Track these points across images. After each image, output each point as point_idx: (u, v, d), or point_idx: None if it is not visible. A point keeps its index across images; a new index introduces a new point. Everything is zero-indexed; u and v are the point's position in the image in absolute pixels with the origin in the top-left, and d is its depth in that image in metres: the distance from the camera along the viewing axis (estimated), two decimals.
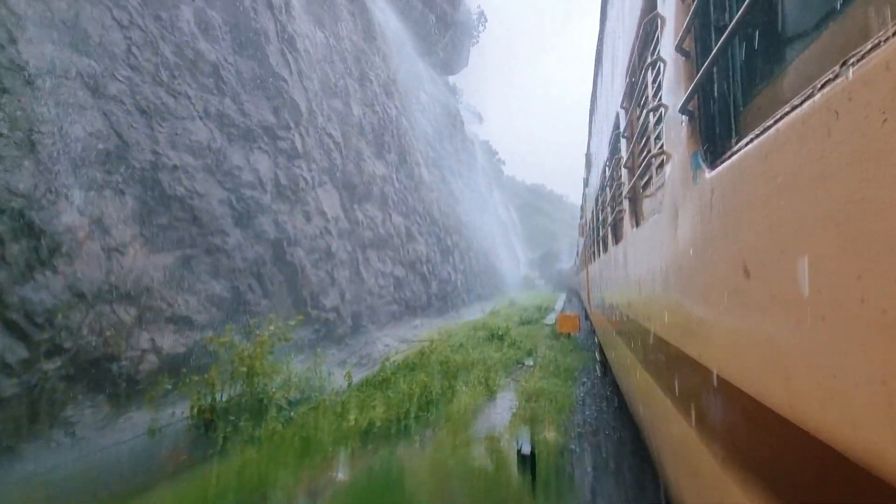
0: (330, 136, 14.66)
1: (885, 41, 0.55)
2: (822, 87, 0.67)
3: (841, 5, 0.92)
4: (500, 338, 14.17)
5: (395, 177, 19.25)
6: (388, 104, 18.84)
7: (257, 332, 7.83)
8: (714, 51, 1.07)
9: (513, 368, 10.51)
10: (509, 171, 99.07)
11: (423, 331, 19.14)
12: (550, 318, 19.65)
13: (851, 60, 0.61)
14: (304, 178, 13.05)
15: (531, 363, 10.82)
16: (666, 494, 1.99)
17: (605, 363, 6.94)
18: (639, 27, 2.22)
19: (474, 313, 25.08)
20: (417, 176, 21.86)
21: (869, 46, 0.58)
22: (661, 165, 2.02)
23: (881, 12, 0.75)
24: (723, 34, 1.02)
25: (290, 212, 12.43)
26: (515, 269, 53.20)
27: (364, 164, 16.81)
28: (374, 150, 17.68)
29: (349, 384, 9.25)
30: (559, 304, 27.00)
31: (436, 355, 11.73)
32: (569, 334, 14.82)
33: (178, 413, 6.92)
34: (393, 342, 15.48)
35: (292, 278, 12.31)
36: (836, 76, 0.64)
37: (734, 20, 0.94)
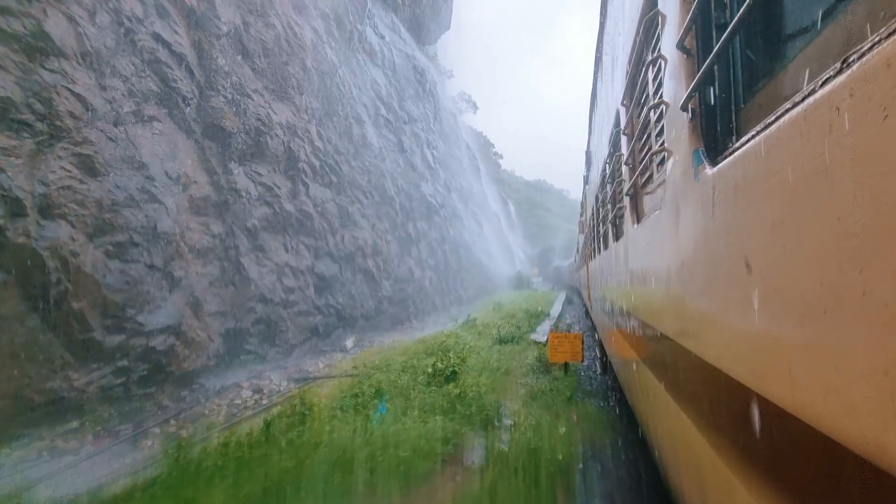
0: (159, 38, 8.73)
1: (886, 38, 0.56)
2: (824, 83, 0.67)
3: (841, 3, 0.90)
4: (451, 376, 8.35)
5: (313, 131, 13.36)
6: (299, 22, 13.03)
7: None
8: (715, 49, 1.06)
9: (431, 478, 4.62)
10: (509, 167, 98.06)
11: (352, 355, 13.29)
12: (542, 332, 13.80)
13: (852, 57, 0.62)
14: (81, 98, 7.16)
15: (476, 457, 4.93)
16: (668, 490, 1.99)
17: (605, 361, 6.46)
18: (639, 25, 2.20)
19: (444, 323, 19.23)
20: (358, 137, 15.98)
21: (869, 44, 0.59)
22: (662, 162, 2.01)
23: (881, 10, 0.76)
24: (724, 32, 1.03)
25: (35, 156, 6.56)
26: (510, 265, 47.43)
27: (248, 103, 10.92)
28: (269, 84, 11.80)
29: None
30: (556, 309, 21.16)
31: (302, 429, 5.90)
32: (566, 365, 8.92)
33: None
34: (280, 382, 9.66)
35: (35, 276, 6.44)
36: (838, 73, 0.64)
37: (735, 18, 0.92)
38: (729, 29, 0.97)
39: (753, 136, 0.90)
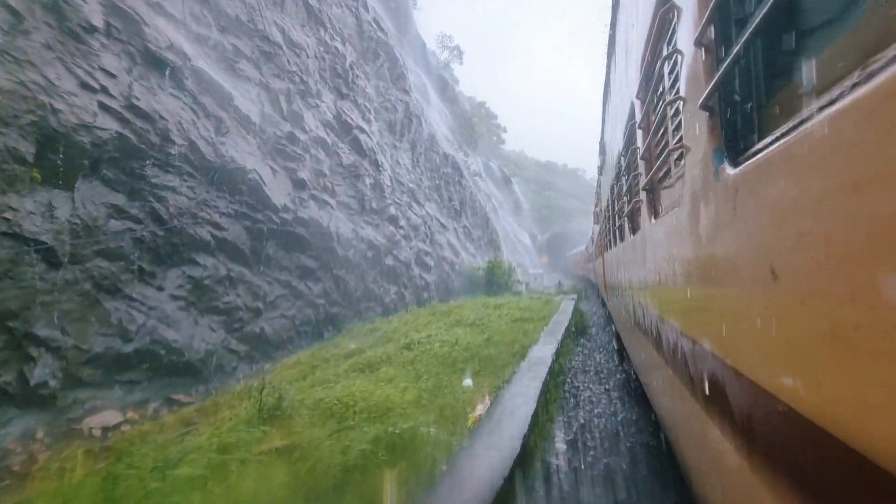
0: None
1: None
2: (852, 89, 0.65)
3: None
4: None
5: None
6: None
7: None
8: (737, 46, 1.03)
9: None
10: (518, 147, 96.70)
11: None
12: None
13: (882, 62, 0.60)
14: None
15: None
16: (689, 489, 1.99)
17: (622, 351, 6.36)
18: (654, 17, 2.11)
19: None
20: None
21: None
22: (679, 158, 1.96)
23: None
24: (743, 27, 1.02)
25: None
26: (488, 252, 28.48)
27: None
28: None
29: None
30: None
31: None
32: None
33: None
34: None
35: None
36: (869, 79, 0.62)
37: (760, 14, 0.89)
38: (752, 27, 0.93)
39: (778, 139, 0.87)
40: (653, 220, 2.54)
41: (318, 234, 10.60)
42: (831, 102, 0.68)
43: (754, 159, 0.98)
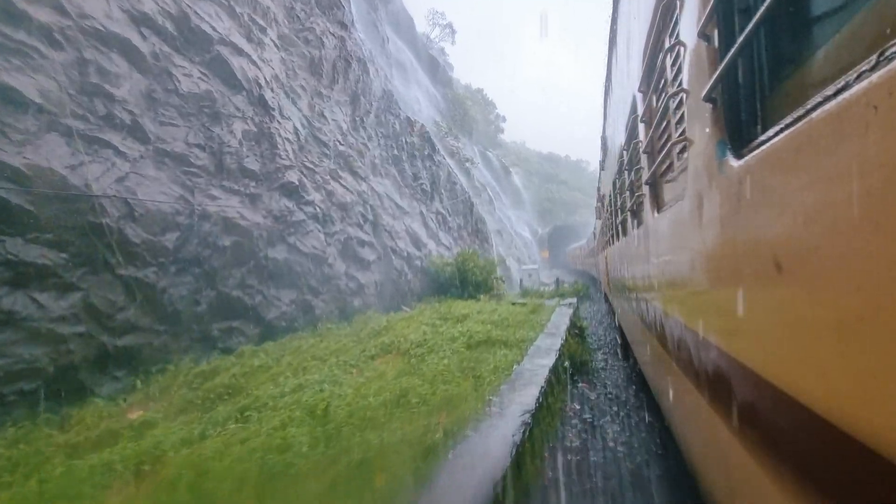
0: None
1: None
2: (859, 78, 0.63)
3: None
4: None
5: None
6: None
7: None
8: (741, 37, 1.00)
9: None
10: (519, 138, 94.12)
11: None
12: None
13: (891, 51, 0.57)
14: None
15: None
16: (694, 482, 1.96)
17: (625, 346, 6.19)
18: (656, 8, 2.09)
19: None
20: None
21: None
22: (682, 152, 1.94)
23: None
24: (747, 17, 1.02)
25: None
26: (460, 244, 23.34)
27: None
28: None
29: None
30: None
31: None
32: None
33: None
34: None
35: None
36: (874, 67, 0.60)
37: (763, 5, 0.86)
38: (756, 17, 0.89)
39: (783, 131, 0.85)
40: (656, 214, 2.53)
41: (61, 201, 5.41)
42: (836, 93, 0.67)
43: (758, 151, 0.97)
